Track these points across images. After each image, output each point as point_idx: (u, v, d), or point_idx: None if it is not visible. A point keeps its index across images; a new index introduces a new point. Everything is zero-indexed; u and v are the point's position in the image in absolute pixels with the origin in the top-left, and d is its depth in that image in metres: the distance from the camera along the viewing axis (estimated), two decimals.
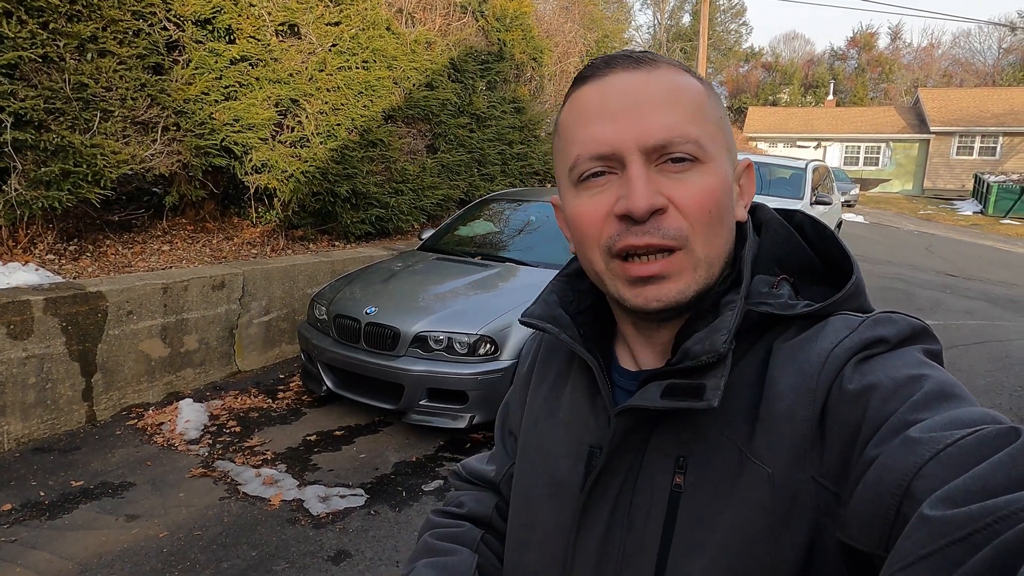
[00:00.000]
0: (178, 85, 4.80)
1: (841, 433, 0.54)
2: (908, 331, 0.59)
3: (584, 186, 0.64)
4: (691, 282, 0.63)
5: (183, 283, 4.45)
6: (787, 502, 0.56)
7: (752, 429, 0.59)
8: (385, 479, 3.58)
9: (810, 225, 0.71)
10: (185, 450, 3.82)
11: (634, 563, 0.64)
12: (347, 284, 4.63)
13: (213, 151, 5.16)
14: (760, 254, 0.69)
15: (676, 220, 0.61)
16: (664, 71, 0.64)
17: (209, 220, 6.28)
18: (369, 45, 6.31)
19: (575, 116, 0.65)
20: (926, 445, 0.46)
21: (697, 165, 0.62)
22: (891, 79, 43.54)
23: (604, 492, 0.67)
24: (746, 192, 0.71)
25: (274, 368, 5.15)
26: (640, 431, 0.65)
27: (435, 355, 3.97)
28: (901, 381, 0.53)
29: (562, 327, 0.72)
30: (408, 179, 7.09)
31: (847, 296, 0.63)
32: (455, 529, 0.86)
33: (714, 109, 0.66)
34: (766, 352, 0.62)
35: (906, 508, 0.45)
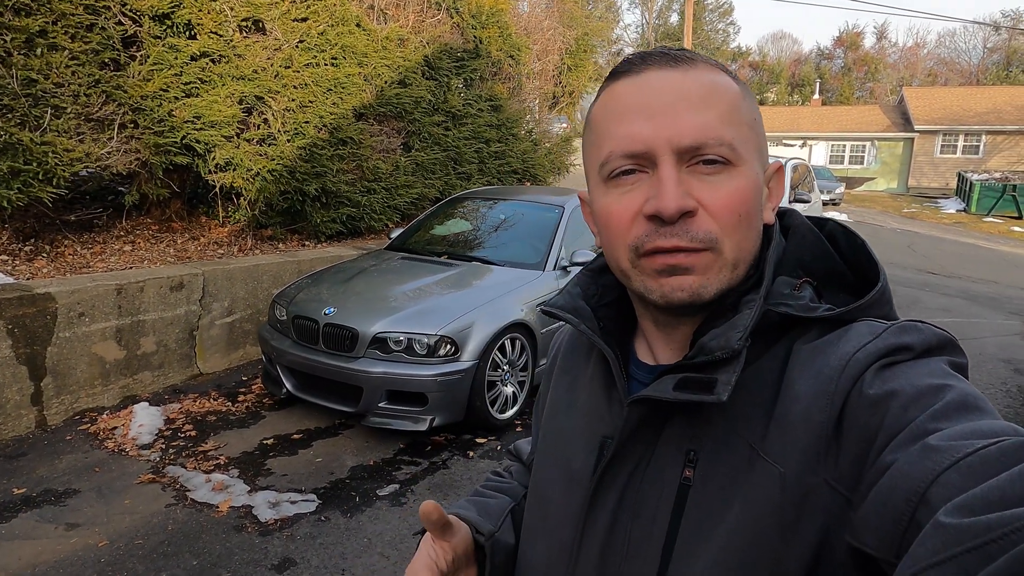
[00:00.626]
0: (135, 81, 4.69)
1: (858, 438, 0.54)
2: (934, 341, 0.58)
3: (614, 183, 0.64)
4: (714, 280, 0.62)
5: (138, 284, 4.35)
6: (797, 503, 0.55)
7: (766, 428, 0.59)
8: (339, 484, 3.49)
9: (842, 234, 0.71)
10: (136, 455, 3.72)
11: (639, 554, 0.64)
12: (308, 284, 4.54)
13: (174, 149, 5.05)
14: (785, 257, 0.68)
15: (705, 223, 0.61)
16: (701, 70, 0.63)
17: (175, 220, 6.17)
18: (338, 42, 6.21)
19: (608, 112, 0.65)
20: (945, 453, 0.45)
21: (729, 168, 0.62)
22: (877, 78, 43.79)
23: (613, 481, 0.67)
24: (775, 194, 0.70)
25: (237, 370, 5.05)
26: (653, 423, 0.66)
27: (394, 356, 3.89)
28: (923, 390, 0.52)
29: (582, 318, 0.73)
30: (381, 178, 7.00)
31: (871, 303, 0.63)
32: (503, 484, 0.93)
33: (748, 110, 0.65)
34: (786, 353, 0.62)
35: (921, 515, 0.44)
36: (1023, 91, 27.33)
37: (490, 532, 0.79)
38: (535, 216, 5.31)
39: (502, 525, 0.83)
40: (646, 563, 0.63)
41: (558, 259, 4.85)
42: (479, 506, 0.85)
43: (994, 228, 18.99)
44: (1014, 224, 19.48)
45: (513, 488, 0.92)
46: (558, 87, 11.03)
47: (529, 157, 9.57)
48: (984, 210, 21.07)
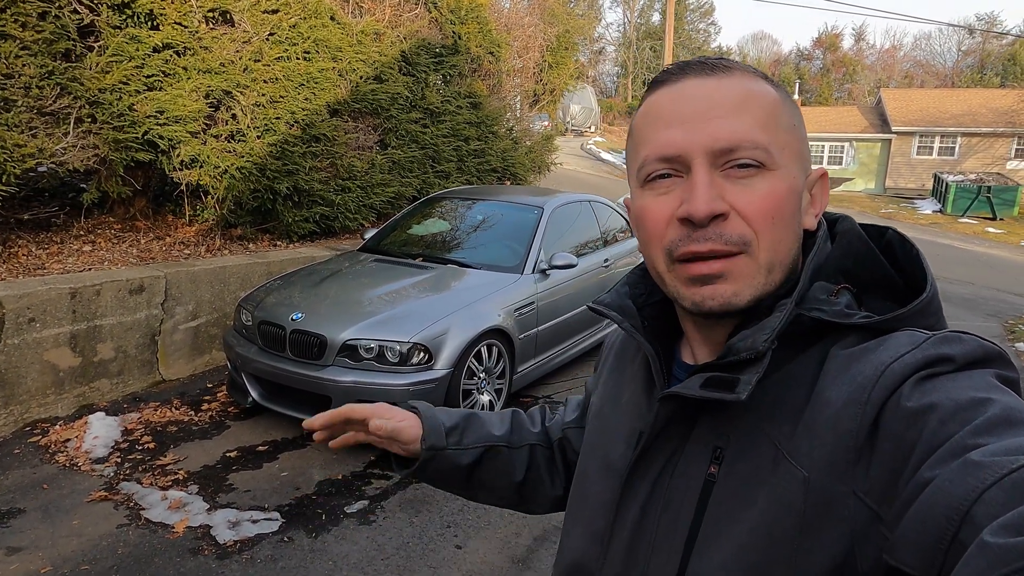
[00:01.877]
0: (92, 73, 4.45)
1: (893, 451, 0.52)
2: (979, 353, 0.55)
3: (650, 186, 0.65)
4: (748, 286, 0.62)
5: (95, 287, 4.12)
6: (820, 510, 0.55)
7: (794, 430, 0.59)
8: (305, 500, 3.31)
9: (899, 243, 0.69)
10: (89, 470, 3.50)
11: (665, 546, 0.65)
12: (276, 288, 4.34)
13: (135, 145, 4.81)
14: (826, 263, 0.67)
15: (738, 226, 0.61)
16: (737, 78, 0.64)
17: (140, 218, 5.92)
18: (311, 35, 6.00)
19: (647, 119, 0.66)
20: (988, 469, 0.44)
21: (763, 172, 0.62)
22: (855, 79, 44.26)
23: (645, 474, 0.69)
24: (818, 201, 0.69)
25: (202, 377, 4.83)
26: (684, 420, 0.67)
27: (365, 364, 3.71)
28: (963, 404, 0.50)
29: (626, 316, 0.75)
30: (356, 176, 6.80)
31: (914, 312, 0.61)
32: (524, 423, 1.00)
33: (787, 116, 0.65)
34: (821, 357, 0.61)
35: (964, 534, 0.43)
36: (998, 94, 27.72)
37: (433, 446, 0.89)
38: (514, 217, 5.16)
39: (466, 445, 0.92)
40: (670, 556, 0.64)
41: (537, 262, 4.70)
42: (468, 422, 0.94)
43: (969, 229, 19.20)
44: (988, 225, 19.73)
45: (527, 430, 0.99)
46: (539, 84, 10.89)
47: (509, 156, 9.40)
48: (959, 211, 21.30)
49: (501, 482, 0.95)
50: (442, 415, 0.93)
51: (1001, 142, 25.21)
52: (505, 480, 0.95)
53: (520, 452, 0.96)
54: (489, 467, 0.93)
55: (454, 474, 0.92)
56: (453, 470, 0.91)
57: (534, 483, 0.96)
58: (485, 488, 0.95)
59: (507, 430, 0.97)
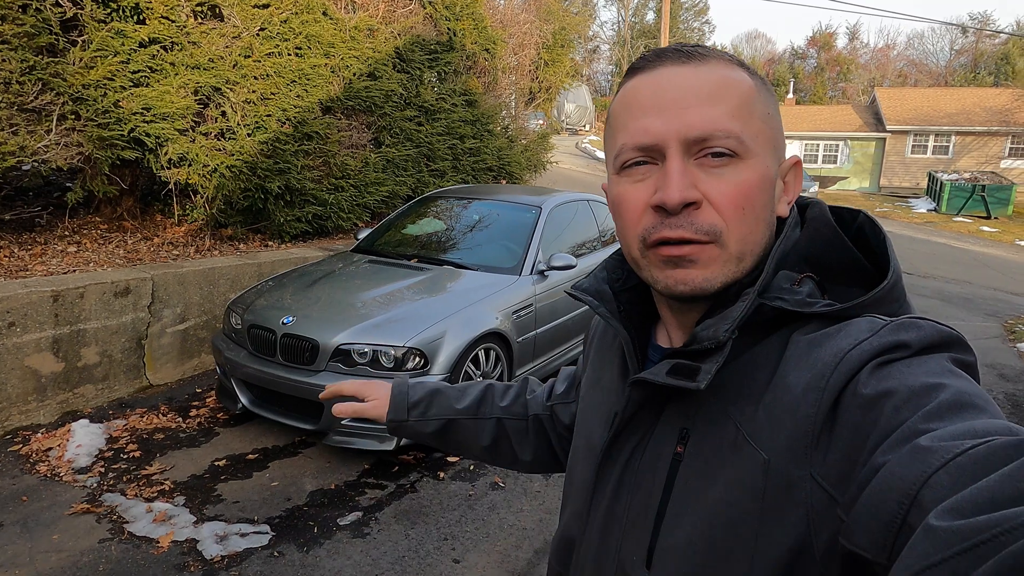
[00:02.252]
0: (76, 69, 4.30)
1: (849, 437, 0.53)
2: (936, 338, 0.56)
3: (626, 174, 0.66)
4: (718, 273, 0.63)
5: (78, 290, 3.98)
6: (780, 493, 0.56)
7: (755, 413, 0.60)
8: (296, 512, 3.19)
9: (870, 227, 0.70)
10: (71, 480, 3.37)
11: (637, 524, 0.67)
12: (267, 290, 4.21)
13: (121, 143, 4.67)
14: (791, 251, 0.67)
15: (709, 215, 0.62)
16: (713, 65, 0.64)
17: (127, 218, 5.78)
18: (303, 30, 5.87)
19: (623, 106, 0.67)
20: (935, 454, 0.45)
21: (736, 161, 0.63)
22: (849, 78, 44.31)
23: (618, 455, 0.71)
24: (791, 188, 0.70)
25: (191, 382, 4.70)
26: (654, 403, 0.68)
27: (359, 370, 3.59)
28: (917, 389, 0.51)
29: (602, 301, 0.76)
30: (349, 174, 6.67)
31: (876, 299, 0.62)
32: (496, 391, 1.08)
33: (762, 104, 0.66)
34: (783, 342, 0.63)
35: (913, 517, 0.44)
36: (992, 93, 27.76)
37: (392, 420, 1.02)
38: (511, 217, 5.04)
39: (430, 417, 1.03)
40: (641, 533, 0.66)
41: (535, 263, 4.58)
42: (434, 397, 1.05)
43: (964, 228, 19.19)
44: (983, 224, 19.72)
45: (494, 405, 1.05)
46: (535, 82, 10.77)
47: (505, 154, 9.29)
48: (954, 210, 21.29)
49: (468, 445, 1.05)
50: (413, 391, 1.04)
51: (995, 141, 25.25)
52: (472, 444, 1.04)
53: (487, 422, 1.03)
54: (454, 434, 1.04)
55: (423, 438, 1.04)
56: (420, 435, 1.04)
57: (501, 449, 1.05)
58: (456, 448, 1.06)
59: (472, 402, 1.05)
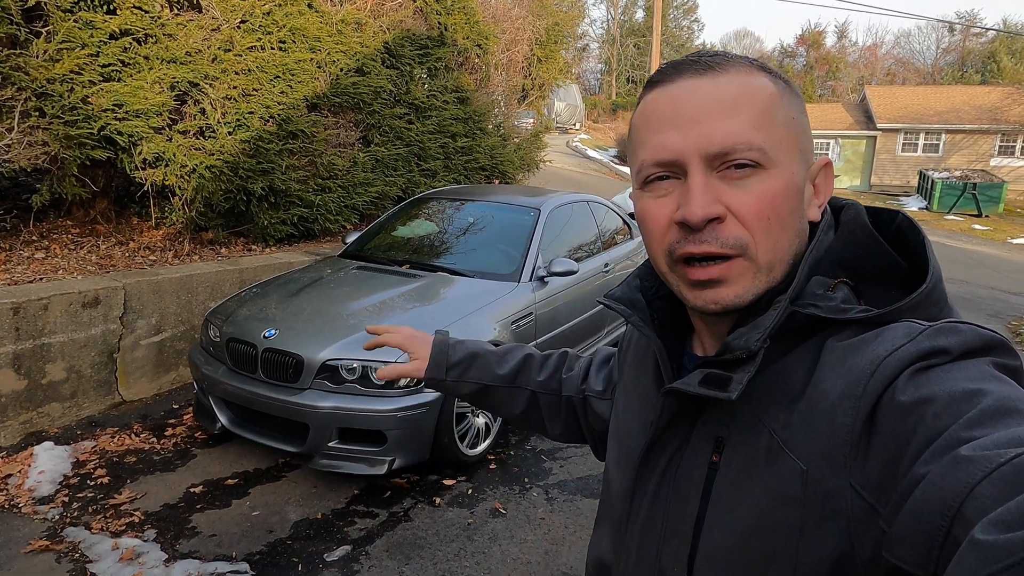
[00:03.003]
0: (39, 62, 3.99)
1: (888, 446, 0.52)
2: (977, 342, 0.54)
3: (649, 189, 0.66)
4: (749, 287, 0.63)
5: (41, 301, 3.68)
6: (819, 502, 0.55)
7: (790, 422, 0.59)
8: (279, 546, 2.91)
9: (909, 229, 0.67)
10: (31, 512, 3.07)
11: (676, 532, 0.67)
12: (248, 299, 3.92)
13: (90, 142, 4.35)
14: (824, 256, 0.66)
15: (735, 228, 0.61)
16: (733, 74, 0.63)
17: (101, 222, 5.46)
18: (286, 23, 5.57)
19: (642, 121, 0.67)
20: (978, 464, 0.43)
21: (759, 171, 0.61)
22: (838, 77, 44.40)
23: (655, 464, 0.71)
24: (822, 191, 0.68)
25: (167, 397, 4.40)
26: (688, 412, 0.68)
27: (347, 388, 3.31)
28: (957, 396, 0.49)
29: (635, 310, 0.75)
30: (336, 175, 6.37)
31: (914, 304, 0.60)
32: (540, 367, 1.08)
33: (785, 110, 0.64)
34: (818, 349, 0.61)
35: (957, 530, 0.43)
36: (981, 91, 27.81)
37: (430, 379, 1.06)
38: (508, 219, 4.78)
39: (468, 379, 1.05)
40: (681, 541, 0.66)
41: (535, 268, 4.32)
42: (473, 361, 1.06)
43: (956, 226, 19.14)
44: (975, 222, 19.70)
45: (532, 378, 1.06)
46: (527, 79, 10.50)
47: (498, 153, 9.01)
48: (945, 208, 21.27)
49: (502, 409, 1.08)
50: (454, 351, 1.06)
51: (985, 139, 25.29)
52: (506, 409, 1.07)
53: (522, 392, 1.05)
54: (488, 398, 1.06)
55: (459, 396, 1.08)
56: (455, 394, 1.07)
57: (533, 418, 1.07)
58: (490, 409, 1.09)
59: (511, 371, 1.05)
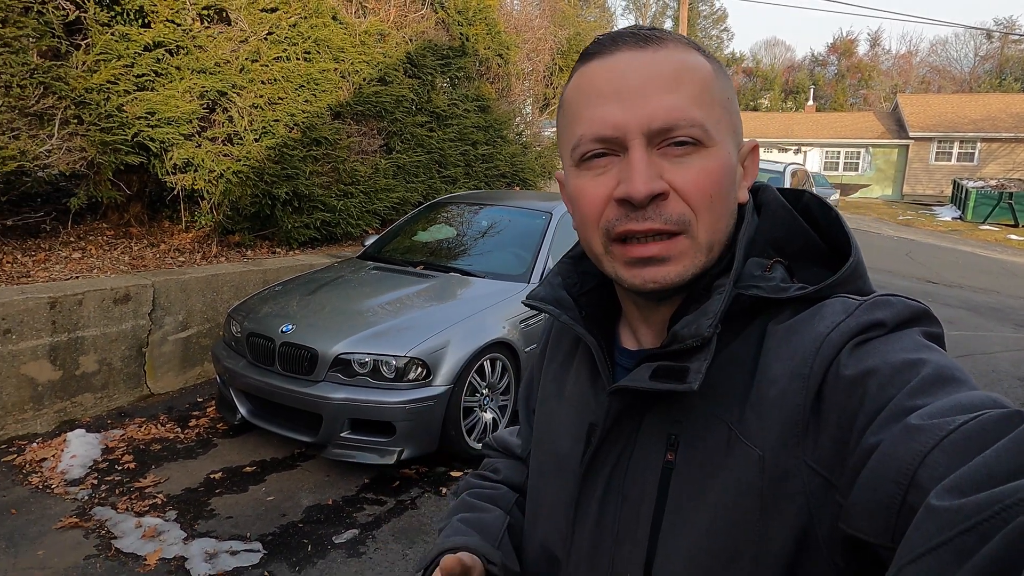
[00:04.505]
0: (79, 72, 4.25)
1: (837, 419, 0.53)
2: (907, 313, 0.57)
3: (586, 166, 0.64)
4: (690, 265, 0.62)
5: (76, 297, 3.90)
6: (777, 485, 0.55)
7: (743, 410, 0.59)
8: (291, 528, 3.06)
9: (818, 207, 0.69)
10: (63, 493, 3.27)
11: (629, 537, 0.64)
12: (268, 297, 4.11)
13: (124, 148, 4.61)
14: (756, 236, 0.67)
15: (677, 205, 0.61)
16: (671, 49, 0.62)
17: (134, 224, 5.73)
18: (312, 35, 5.80)
19: (579, 94, 0.64)
20: (928, 432, 0.45)
21: (699, 149, 0.61)
22: (870, 85, 43.74)
23: (600, 468, 0.68)
24: (749, 174, 0.69)
25: (192, 391, 4.60)
26: (635, 410, 0.66)
27: (358, 380, 3.46)
28: (898, 366, 0.51)
29: (564, 308, 0.73)
30: (359, 180, 6.58)
31: (844, 279, 0.62)
32: (491, 491, 0.90)
33: (721, 89, 0.64)
34: (760, 334, 0.62)
35: (912, 498, 0.44)
36: (1018, 99, 27.21)
37: (500, 562, 0.77)
38: (520, 223, 4.91)
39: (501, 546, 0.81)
40: (635, 546, 0.64)
41: (545, 270, 4.43)
42: (480, 529, 0.82)
43: (991, 236, 18.71)
44: (1011, 232, 19.22)
45: (503, 495, 0.89)
46: (549, 88, 10.66)
47: (518, 160, 9.17)
48: (980, 218, 20.81)
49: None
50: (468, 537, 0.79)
51: (1022, 147, 24.69)
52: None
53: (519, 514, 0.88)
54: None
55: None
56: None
57: None
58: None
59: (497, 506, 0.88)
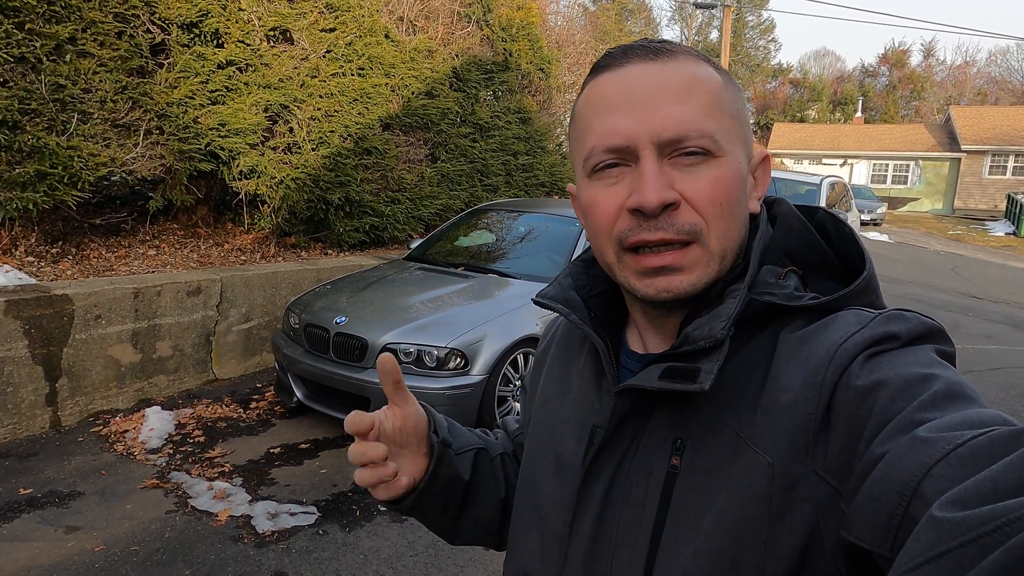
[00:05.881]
0: (161, 88, 4.76)
1: (847, 429, 0.53)
2: (921, 329, 0.57)
3: (598, 177, 0.65)
4: (703, 274, 0.63)
5: (156, 288, 4.38)
6: (786, 493, 0.55)
7: (753, 417, 0.59)
8: (341, 497, 3.42)
9: (831, 222, 0.71)
10: (143, 459, 3.71)
11: (629, 541, 0.64)
12: (323, 293, 4.51)
13: (198, 156, 5.10)
14: (770, 246, 0.68)
15: (689, 214, 0.61)
16: (681, 61, 0.63)
17: (201, 225, 6.24)
18: (366, 52, 6.25)
19: (591, 106, 0.65)
20: (935, 445, 0.45)
21: (710, 159, 0.62)
22: (923, 97, 42.68)
23: (603, 469, 0.68)
24: (760, 184, 0.70)
25: (252, 377, 5.04)
26: (640, 412, 0.66)
27: (404, 368, 3.82)
28: (910, 379, 0.52)
29: (573, 308, 0.73)
30: (405, 188, 7.00)
31: (856, 292, 0.63)
32: (486, 436, 0.93)
33: (731, 101, 0.65)
34: (772, 341, 0.62)
35: (915, 508, 0.44)
36: None
37: (445, 440, 0.80)
38: (556, 229, 5.22)
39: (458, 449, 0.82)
40: (635, 550, 0.63)
41: None
42: (451, 424, 0.85)
43: None
44: None
45: (492, 441, 0.92)
46: None
47: (558, 170, 9.50)
48: None
49: (487, 500, 0.86)
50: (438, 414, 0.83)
51: None
52: (491, 497, 0.87)
53: (496, 463, 0.88)
54: (480, 479, 0.85)
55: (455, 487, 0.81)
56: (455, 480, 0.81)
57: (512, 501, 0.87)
58: (474, 507, 0.85)
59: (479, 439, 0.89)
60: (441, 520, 0.84)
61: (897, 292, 10.35)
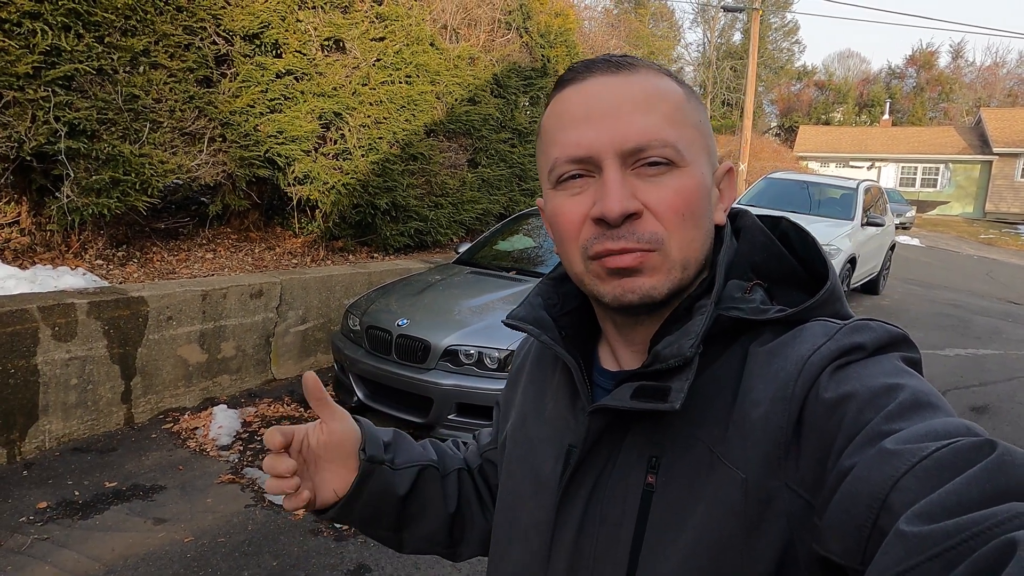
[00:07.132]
0: (225, 98, 4.93)
1: (817, 442, 0.54)
2: (886, 338, 0.58)
3: (563, 187, 0.65)
4: (664, 280, 0.63)
5: (222, 291, 4.54)
6: (760, 508, 0.56)
7: (726, 433, 0.60)
8: None
9: (795, 232, 0.72)
10: (216, 455, 3.86)
11: (607, 559, 0.65)
12: (381, 296, 4.64)
13: (257, 162, 5.26)
14: (736, 260, 0.69)
15: (651, 224, 0.62)
16: (643, 75, 0.65)
17: (253, 230, 6.42)
18: (413, 60, 6.39)
19: (555, 119, 0.66)
20: (901, 457, 0.46)
21: (673, 169, 0.62)
22: (951, 99, 42.10)
23: (579, 488, 0.68)
24: (726, 196, 0.71)
25: None
26: (615, 431, 0.67)
27: (465, 369, 3.93)
28: (877, 390, 0.52)
29: (544, 329, 0.73)
30: (448, 193, 7.13)
31: (821, 302, 0.63)
32: (448, 449, 0.94)
33: (693, 112, 0.66)
34: (742, 356, 0.63)
35: (883, 521, 0.44)
36: None
37: (374, 457, 0.79)
38: None
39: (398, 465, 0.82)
40: (615, 568, 0.64)
41: None
42: (398, 439, 0.85)
43: None
44: None
45: (451, 456, 0.92)
46: None
47: None
48: None
49: (433, 514, 0.87)
50: (379, 430, 0.84)
51: None
52: (438, 511, 0.87)
53: (449, 480, 0.89)
54: (422, 494, 0.85)
55: (387, 502, 0.82)
56: (387, 496, 0.81)
57: (467, 515, 0.90)
58: (416, 522, 0.86)
59: (433, 454, 0.90)
60: (376, 532, 0.86)
61: (933, 298, 10.27)
